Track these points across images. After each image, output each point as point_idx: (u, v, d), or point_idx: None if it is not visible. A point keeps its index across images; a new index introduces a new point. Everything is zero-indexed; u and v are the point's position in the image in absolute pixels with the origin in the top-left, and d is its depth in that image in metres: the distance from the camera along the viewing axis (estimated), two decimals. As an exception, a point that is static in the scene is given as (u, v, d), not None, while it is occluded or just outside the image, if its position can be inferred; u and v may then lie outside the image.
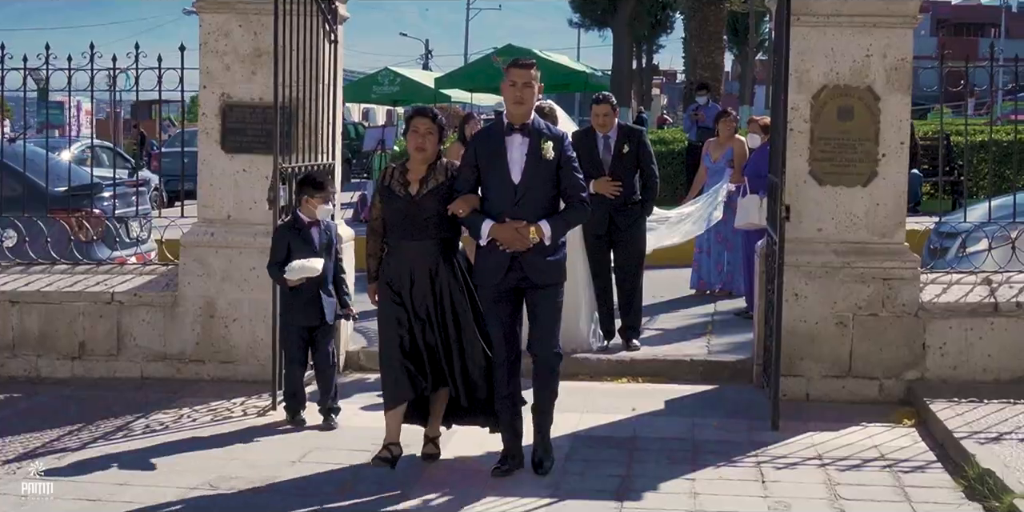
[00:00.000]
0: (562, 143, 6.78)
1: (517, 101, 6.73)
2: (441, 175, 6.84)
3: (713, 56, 33.91)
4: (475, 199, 6.73)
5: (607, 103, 10.07)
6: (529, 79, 6.72)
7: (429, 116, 6.91)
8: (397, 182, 6.86)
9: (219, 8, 8.87)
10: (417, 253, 6.79)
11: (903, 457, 7.15)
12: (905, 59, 8.53)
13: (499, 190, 6.69)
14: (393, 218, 6.84)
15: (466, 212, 6.64)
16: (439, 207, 6.76)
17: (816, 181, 8.60)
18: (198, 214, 9.04)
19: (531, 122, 6.77)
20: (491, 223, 6.63)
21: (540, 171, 6.68)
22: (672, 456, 7.15)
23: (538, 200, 6.68)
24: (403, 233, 6.82)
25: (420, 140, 6.84)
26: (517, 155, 6.70)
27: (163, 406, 8.18)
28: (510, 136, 6.74)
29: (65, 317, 9.05)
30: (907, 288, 8.56)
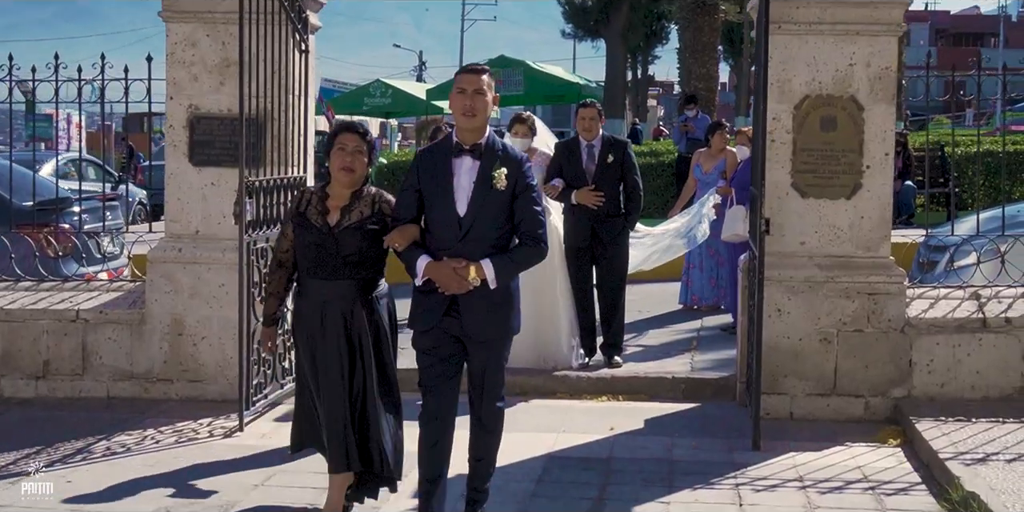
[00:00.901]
0: (520, 168, 5.76)
1: (467, 112, 5.71)
2: (366, 206, 5.98)
3: (708, 67, 33.78)
4: (414, 230, 5.80)
5: (593, 108, 9.93)
6: (480, 85, 5.72)
7: (358, 132, 6.02)
8: (315, 210, 5.99)
9: (186, 17, 8.66)
10: (331, 294, 5.93)
11: (887, 479, 6.92)
12: (890, 68, 8.31)
13: (442, 223, 5.74)
14: (306, 252, 5.96)
15: (403, 246, 5.73)
16: (361, 244, 5.92)
17: (799, 193, 8.37)
18: (166, 229, 8.82)
19: (484, 141, 5.77)
20: (427, 260, 5.70)
21: (490, 202, 5.69)
22: (648, 478, 6.92)
23: (486, 236, 5.70)
24: (316, 270, 5.95)
25: (347, 159, 5.92)
26: (465, 181, 5.72)
27: (128, 427, 7.94)
28: (458, 158, 5.76)
29: (29, 335, 8.82)
30: (893, 303, 8.33)
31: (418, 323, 5.84)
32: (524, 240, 5.78)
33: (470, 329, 5.75)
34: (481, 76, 5.77)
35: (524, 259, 5.81)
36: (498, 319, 5.81)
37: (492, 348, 5.85)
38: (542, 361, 9.50)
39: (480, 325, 5.76)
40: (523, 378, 9.11)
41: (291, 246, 6.08)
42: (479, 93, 5.70)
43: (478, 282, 5.63)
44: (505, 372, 6.02)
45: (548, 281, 9.51)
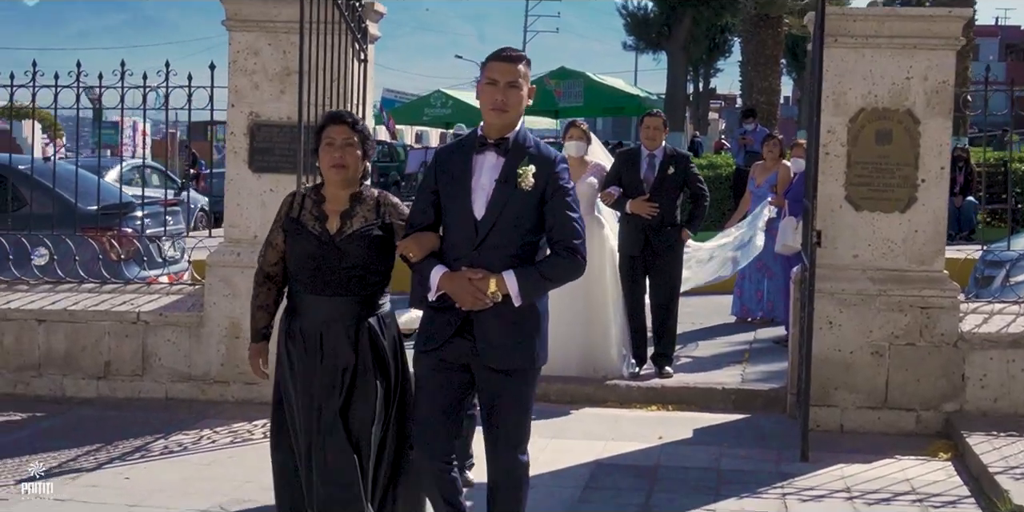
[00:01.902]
0: (552, 168, 4.94)
1: (497, 107, 4.89)
2: (370, 210, 5.21)
3: (770, 80, 33.74)
4: (432, 238, 5.00)
5: (659, 117, 10.07)
6: (515, 77, 4.90)
7: (347, 122, 5.21)
8: (310, 215, 5.20)
9: (248, 27, 8.81)
10: (332, 313, 5.13)
11: (935, 491, 6.92)
12: (947, 82, 8.32)
13: (458, 227, 4.96)
14: (303, 264, 5.17)
15: (418, 256, 4.93)
16: (367, 254, 5.14)
17: (852, 206, 8.39)
18: (225, 234, 8.97)
19: (513, 136, 4.97)
20: (443, 270, 4.89)
21: (513, 204, 4.88)
22: (695, 486, 6.96)
23: (507, 245, 4.88)
24: (314, 285, 5.15)
25: (337, 154, 5.14)
26: (486, 180, 4.94)
27: (185, 427, 8.09)
28: (480, 154, 4.98)
29: (91, 336, 8.99)
30: (946, 317, 8.32)
31: (421, 342, 5.03)
32: (557, 250, 4.92)
33: (485, 354, 4.89)
34: (516, 65, 4.93)
35: (555, 273, 4.93)
36: (521, 345, 4.94)
37: (511, 382, 4.96)
38: (592, 369, 9.56)
39: (497, 350, 4.90)
40: (573, 386, 9.19)
41: (281, 258, 5.30)
42: (513, 86, 4.90)
43: (499, 297, 4.81)
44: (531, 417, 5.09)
45: (600, 289, 9.58)
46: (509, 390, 4.95)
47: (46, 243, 9.87)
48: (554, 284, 4.96)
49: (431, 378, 4.98)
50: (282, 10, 8.70)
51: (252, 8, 8.80)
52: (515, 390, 4.96)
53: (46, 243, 9.87)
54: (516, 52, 5.01)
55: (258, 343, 5.46)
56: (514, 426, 4.98)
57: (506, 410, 4.96)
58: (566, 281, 5.02)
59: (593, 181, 9.69)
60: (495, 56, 4.98)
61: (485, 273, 4.82)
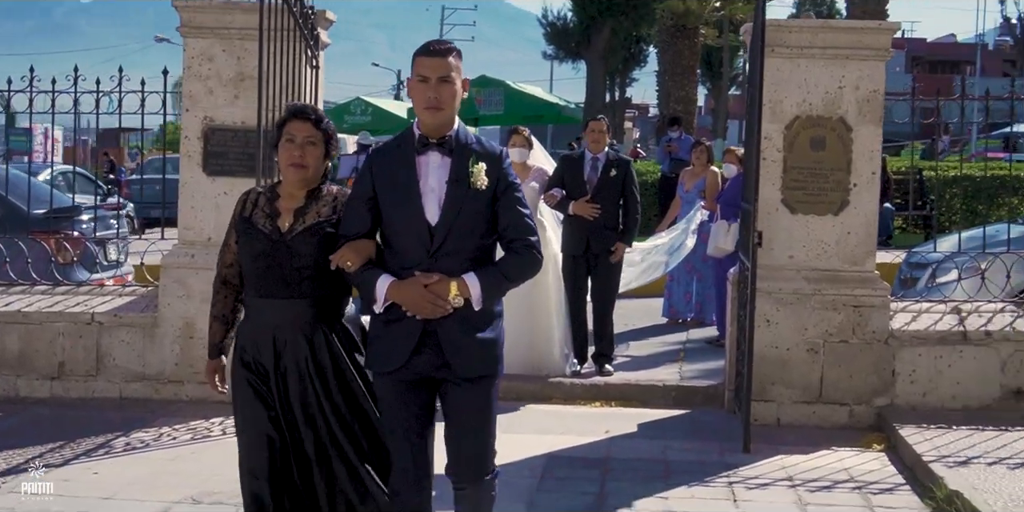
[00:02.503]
0: (500, 164, 4.69)
1: (431, 105, 4.59)
2: (326, 207, 4.90)
3: (687, 89, 34.33)
4: (369, 246, 4.72)
5: (603, 122, 10.39)
6: (447, 71, 4.59)
7: (311, 119, 4.88)
8: (262, 213, 4.92)
9: (203, 33, 8.99)
10: (284, 317, 4.81)
11: (872, 479, 7.29)
12: (877, 91, 8.72)
13: (408, 234, 4.64)
14: (253, 264, 4.85)
15: (357, 264, 4.63)
16: (320, 252, 4.79)
17: (788, 209, 8.76)
18: (179, 236, 9.13)
19: (454, 134, 4.68)
20: (389, 280, 4.58)
21: (469, 205, 4.62)
22: (645, 476, 7.26)
23: (464, 248, 4.62)
24: (265, 287, 4.83)
25: (297, 152, 4.82)
26: (434, 182, 4.64)
27: (143, 425, 8.23)
28: (423, 155, 4.67)
29: (45, 337, 9.10)
30: (877, 315, 8.72)
31: (379, 362, 4.71)
32: (515, 248, 4.69)
33: (459, 366, 4.62)
34: (446, 58, 4.61)
35: (516, 271, 4.71)
36: (487, 351, 4.69)
37: (481, 391, 4.72)
38: (535, 368, 9.83)
39: (467, 359, 4.63)
40: (519, 384, 9.44)
41: (234, 260, 5.00)
42: (445, 81, 4.60)
43: (460, 302, 4.54)
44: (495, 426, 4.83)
45: (543, 291, 9.85)
46: (476, 399, 4.69)
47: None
48: (514, 284, 4.72)
49: (396, 403, 4.68)
50: (236, 17, 8.91)
51: (207, 15, 8.99)
52: (483, 398, 4.71)
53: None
54: (445, 44, 4.66)
55: (214, 359, 5.09)
56: (482, 440, 4.73)
57: (472, 421, 4.71)
58: (526, 279, 4.81)
59: (535, 185, 9.98)
60: (423, 50, 4.64)
61: (442, 277, 4.52)
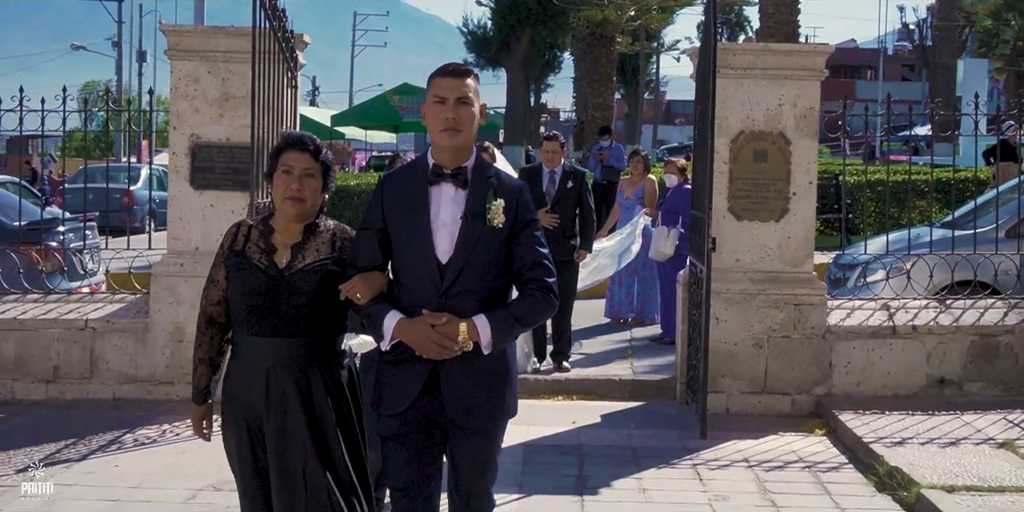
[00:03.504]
0: (519, 198, 4.50)
1: (449, 127, 4.40)
2: (324, 245, 4.69)
3: (604, 96, 35.27)
4: (380, 279, 4.52)
5: (557, 141, 11.05)
6: (465, 93, 4.44)
7: (309, 149, 4.65)
8: (256, 248, 4.66)
9: (189, 56, 9.59)
10: (279, 356, 4.58)
11: (819, 459, 8.11)
12: (812, 108, 9.56)
13: (418, 272, 4.44)
14: (247, 301, 4.61)
15: (367, 297, 4.43)
16: (320, 290, 4.60)
17: (734, 216, 9.56)
18: (168, 246, 9.72)
19: (471, 164, 4.51)
20: (398, 317, 4.39)
21: (483, 243, 4.41)
22: (617, 461, 8.01)
23: (475, 289, 4.41)
24: (259, 325, 4.59)
25: (295, 185, 4.60)
26: (446, 216, 4.44)
27: (144, 423, 8.81)
28: (437, 186, 4.47)
29: (40, 342, 9.64)
30: (816, 313, 9.55)
31: (384, 404, 4.52)
32: (530, 290, 4.46)
33: (455, 412, 4.44)
34: (465, 80, 4.47)
35: (530, 316, 4.49)
36: (492, 398, 4.49)
37: (482, 439, 4.53)
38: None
39: (468, 406, 4.45)
40: (486, 381, 10.12)
41: (223, 297, 4.73)
42: (463, 103, 4.44)
43: (470, 345, 4.35)
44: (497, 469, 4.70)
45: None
46: (480, 447, 4.54)
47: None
48: (526, 328, 4.57)
49: (401, 442, 4.49)
50: (221, 41, 9.54)
51: (193, 39, 9.61)
52: (486, 446, 4.56)
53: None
54: (463, 66, 4.55)
55: (200, 405, 4.82)
56: (481, 484, 4.60)
57: (477, 468, 4.56)
58: (538, 323, 4.71)
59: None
60: (441, 71, 4.50)
61: (451, 317, 4.34)
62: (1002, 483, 7.10)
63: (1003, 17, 48.61)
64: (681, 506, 7.03)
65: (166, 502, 6.88)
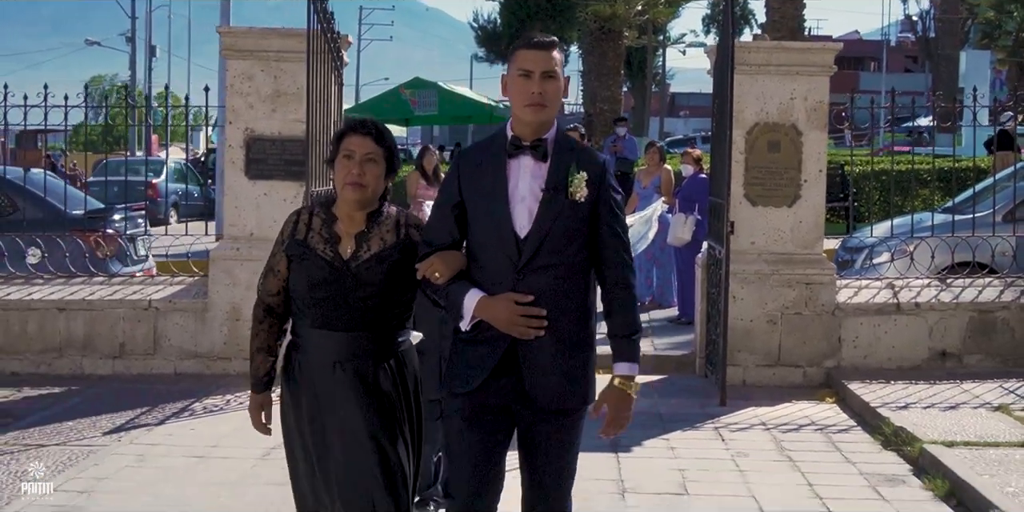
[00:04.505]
0: (603, 174, 4.28)
1: (534, 102, 4.19)
2: (389, 233, 4.51)
3: (612, 90, 35.84)
4: (459, 258, 4.30)
5: (577, 131, 11.79)
6: (551, 66, 4.21)
7: (371, 134, 4.48)
8: (319, 237, 4.49)
9: (244, 56, 10.35)
10: (346, 350, 4.43)
11: (830, 423, 8.87)
12: (822, 101, 10.30)
13: (493, 247, 4.24)
14: (311, 293, 4.45)
15: (444, 276, 4.22)
16: (384, 281, 4.43)
17: (750, 202, 10.30)
18: (225, 232, 10.50)
19: (552, 137, 4.29)
20: (480, 295, 4.18)
21: (564, 218, 4.20)
22: (646, 424, 8.74)
23: (555, 264, 4.18)
24: (324, 317, 4.44)
25: (356, 170, 4.43)
26: (525, 189, 4.23)
27: (207, 394, 9.57)
28: (516, 159, 4.26)
29: (107, 321, 10.41)
30: (825, 291, 10.30)
31: (455, 382, 4.29)
32: (617, 286, 4.27)
33: (536, 392, 4.18)
34: (552, 52, 4.23)
35: (636, 320, 4.36)
36: (576, 380, 4.23)
37: (562, 423, 4.26)
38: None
39: (550, 388, 4.18)
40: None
41: (283, 287, 4.56)
42: (550, 77, 4.21)
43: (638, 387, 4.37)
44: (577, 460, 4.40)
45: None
46: (559, 433, 4.26)
47: (38, 243, 11.17)
48: None
49: (468, 430, 4.22)
50: (273, 42, 10.30)
51: (247, 40, 10.36)
52: (566, 432, 4.28)
53: (38, 243, 11.17)
54: (549, 38, 4.30)
55: (260, 394, 4.65)
56: (561, 477, 4.31)
57: (554, 455, 4.27)
58: None
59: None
60: (525, 43, 4.29)
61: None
62: (996, 439, 7.87)
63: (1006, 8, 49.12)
64: (707, 461, 7.78)
65: (244, 458, 7.63)
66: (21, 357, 10.39)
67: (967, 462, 7.28)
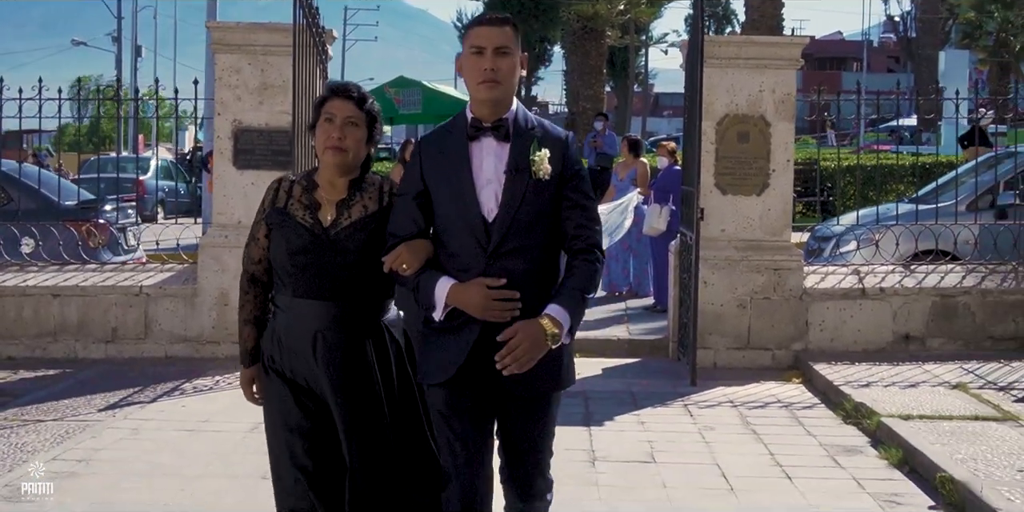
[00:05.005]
0: (566, 149, 4.23)
1: (487, 78, 4.13)
2: (372, 200, 4.44)
3: (594, 88, 36.34)
4: (426, 247, 4.24)
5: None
6: (506, 42, 4.15)
7: (353, 98, 4.40)
8: (299, 205, 4.43)
9: (231, 50, 10.71)
10: (327, 319, 4.35)
11: (795, 401, 9.27)
12: (790, 93, 10.70)
13: (461, 233, 4.18)
14: (290, 261, 4.37)
15: (412, 268, 4.16)
16: (367, 249, 4.35)
17: (720, 191, 10.70)
18: (214, 220, 10.86)
19: (512, 116, 4.22)
20: (451, 282, 4.12)
21: (531, 197, 4.15)
22: (618, 402, 9.15)
23: (526, 247, 4.14)
24: (305, 286, 4.36)
25: (336, 134, 4.35)
26: (489, 171, 4.18)
27: (197, 376, 9.93)
28: (476, 141, 4.21)
29: (100, 307, 10.76)
30: (793, 277, 10.70)
31: (431, 374, 4.25)
32: (583, 254, 4.19)
33: (515, 383, 4.12)
34: (504, 28, 4.17)
35: (591, 283, 4.19)
36: (548, 365, 4.14)
37: (539, 410, 4.28)
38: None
39: (528, 375, 4.07)
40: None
41: (264, 255, 4.50)
42: (504, 53, 4.14)
43: (559, 340, 4.05)
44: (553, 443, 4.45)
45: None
46: (537, 419, 4.29)
47: (33, 232, 11.53)
48: (591, 296, 4.26)
49: (450, 419, 4.21)
50: (260, 36, 10.66)
51: (235, 35, 10.73)
52: (543, 419, 4.31)
53: (33, 232, 11.53)
54: (501, 14, 4.27)
55: (249, 367, 4.59)
56: (536, 462, 4.34)
57: (532, 444, 4.30)
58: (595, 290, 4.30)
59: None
60: (478, 21, 4.24)
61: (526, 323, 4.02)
62: (951, 413, 8.27)
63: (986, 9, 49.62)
64: (674, 434, 8.17)
65: (234, 431, 7.99)
66: (17, 341, 10.73)
67: (921, 433, 7.68)
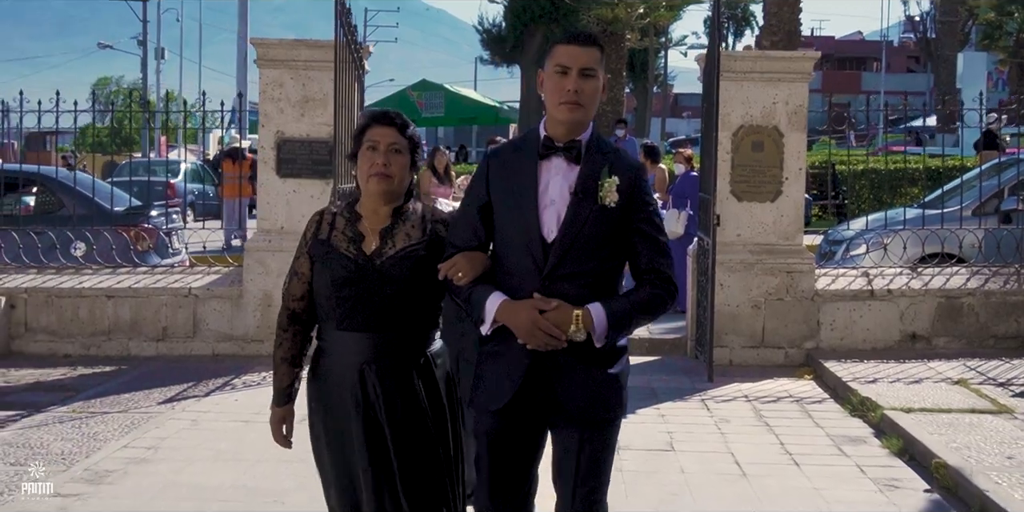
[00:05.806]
0: (636, 179, 4.16)
1: (568, 100, 4.06)
2: (415, 228, 4.35)
3: (614, 91, 36.86)
4: (483, 259, 4.21)
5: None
6: (592, 64, 4.09)
7: (395, 124, 4.33)
8: (342, 236, 4.33)
9: (275, 65, 11.37)
10: (373, 352, 4.25)
11: (806, 396, 9.89)
12: (802, 105, 11.31)
13: (519, 251, 4.13)
14: (335, 293, 4.27)
15: (467, 277, 4.13)
16: (413, 278, 4.27)
17: (736, 198, 11.31)
18: (258, 226, 11.53)
19: (586, 138, 4.15)
20: (502, 298, 4.08)
21: (593, 222, 4.08)
22: (640, 396, 9.75)
23: (583, 272, 4.08)
24: (349, 318, 4.27)
25: (380, 160, 4.28)
26: (555, 192, 4.12)
27: (246, 372, 10.58)
28: (547, 160, 4.15)
29: (151, 307, 11.44)
30: (805, 279, 11.31)
31: (482, 398, 4.21)
32: (650, 280, 4.14)
33: (573, 405, 4.08)
34: (591, 49, 4.11)
35: (649, 306, 4.15)
36: (607, 390, 4.16)
37: (597, 437, 4.16)
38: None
39: (582, 400, 4.08)
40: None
41: (304, 291, 4.39)
42: (588, 75, 4.08)
43: (582, 336, 4.01)
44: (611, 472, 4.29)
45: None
46: (592, 445, 4.15)
47: (86, 236, 12.21)
48: (646, 321, 4.28)
49: (497, 446, 4.18)
50: (302, 52, 11.33)
51: (278, 51, 11.40)
52: (599, 444, 4.17)
53: (86, 236, 12.21)
54: (591, 34, 4.19)
55: (282, 406, 4.55)
56: (596, 487, 4.20)
57: (590, 472, 4.16)
58: (657, 316, 4.30)
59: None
60: (566, 39, 4.14)
61: (562, 303, 3.99)
62: (951, 407, 8.90)
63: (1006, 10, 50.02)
64: (692, 426, 8.81)
65: (285, 423, 8.65)
66: (73, 340, 11.43)
67: (921, 424, 8.31)
